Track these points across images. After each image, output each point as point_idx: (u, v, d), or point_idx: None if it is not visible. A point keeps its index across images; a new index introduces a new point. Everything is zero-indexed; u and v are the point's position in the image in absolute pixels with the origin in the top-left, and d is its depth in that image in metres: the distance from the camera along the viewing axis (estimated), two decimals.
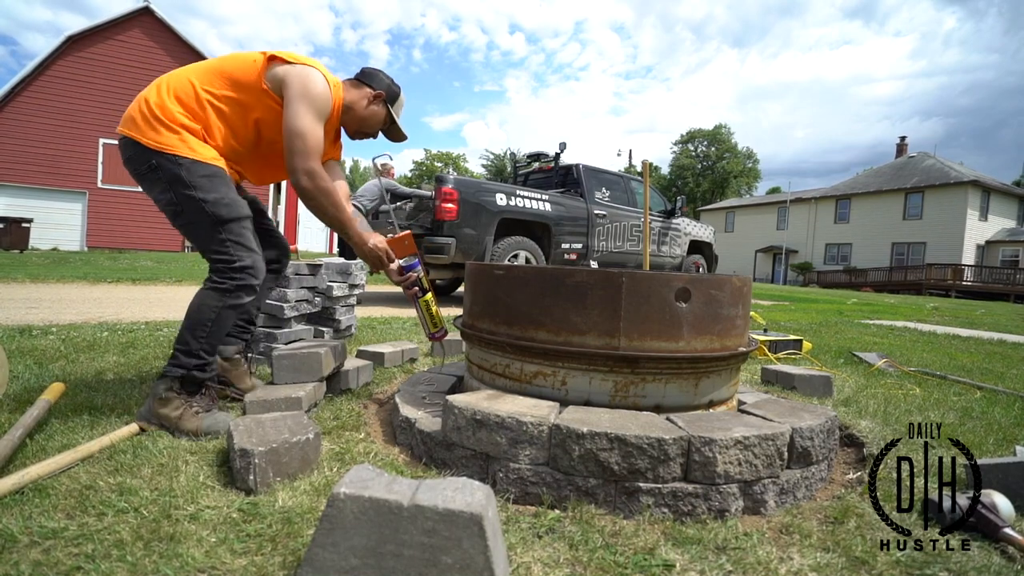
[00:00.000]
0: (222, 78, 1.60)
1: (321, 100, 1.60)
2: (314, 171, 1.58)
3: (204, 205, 1.53)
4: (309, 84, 1.58)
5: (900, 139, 33.32)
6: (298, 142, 1.55)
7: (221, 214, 1.55)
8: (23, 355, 2.36)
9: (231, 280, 1.56)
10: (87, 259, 10.87)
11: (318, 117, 1.59)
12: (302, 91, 1.56)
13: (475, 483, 0.86)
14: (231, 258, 1.56)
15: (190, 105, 1.58)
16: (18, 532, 0.95)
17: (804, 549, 1.08)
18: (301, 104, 1.56)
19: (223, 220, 1.55)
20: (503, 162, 40.46)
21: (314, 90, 1.58)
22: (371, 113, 1.81)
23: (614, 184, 6.98)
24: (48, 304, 4.48)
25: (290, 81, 1.57)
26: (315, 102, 1.58)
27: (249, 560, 0.93)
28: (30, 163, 15.29)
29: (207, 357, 1.58)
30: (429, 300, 1.93)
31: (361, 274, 3.08)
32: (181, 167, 1.52)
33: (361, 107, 1.79)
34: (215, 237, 1.56)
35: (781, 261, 31.45)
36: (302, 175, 1.57)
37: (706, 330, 1.43)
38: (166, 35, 16.95)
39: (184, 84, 1.60)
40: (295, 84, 1.57)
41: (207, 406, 1.59)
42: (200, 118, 1.59)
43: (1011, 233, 26.68)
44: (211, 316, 1.55)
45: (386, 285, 8.62)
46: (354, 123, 1.82)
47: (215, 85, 1.60)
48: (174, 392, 1.53)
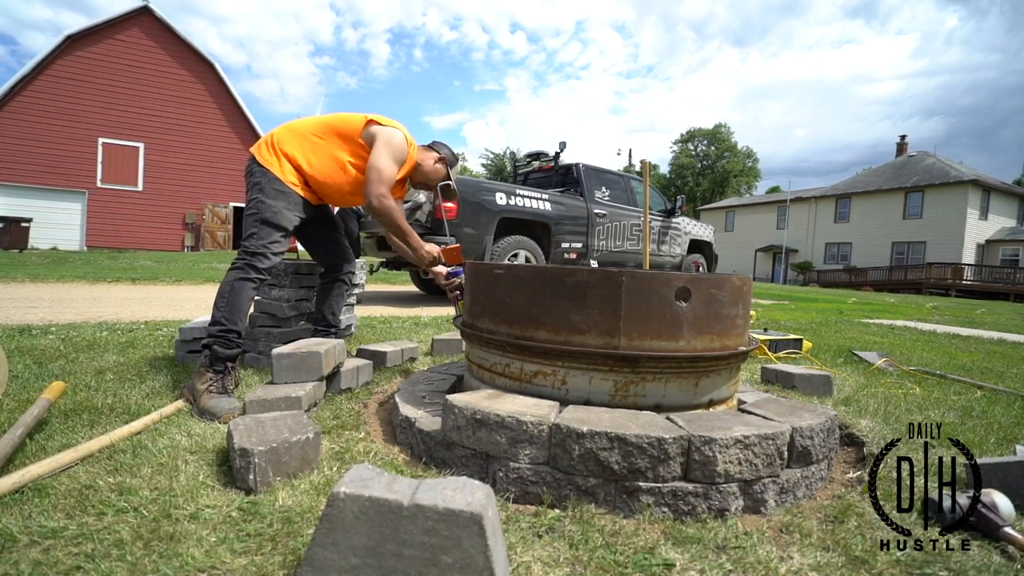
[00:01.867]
0: (332, 130, 2.13)
1: (399, 150, 2.12)
2: (384, 195, 2.06)
3: (260, 206, 2.02)
4: (392, 138, 2.10)
5: (900, 138, 33.27)
6: (375, 174, 2.05)
7: (266, 216, 2.02)
8: (23, 354, 2.36)
9: (243, 259, 1.98)
10: (87, 259, 10.87)
11: (394, 161, 2.10)
12: (386, 141, 2.09)
13: (475, 482, 0.86)
14: (250, 245, 2.00)
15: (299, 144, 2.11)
16: (18, 531, 0.95)
17: (804, 548, 1.08)
18: (384, 150, 2.08)
19: (263, 220, 2.02)
20: (503, 161, 40.44)
21: (394, 142, 2.10)
22: (434, 171, 2.33)
23: (614, 183, 6.98)
24: (48, 304, 4.48)
25: (379, 135, 2.10)
26: (394, 150, 2.10)
27: (249, 559, 0.93)
28: (29, 163, 15.29)
29: (227, 324, 1.88)
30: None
31: (361, 274, 3.08)
32: (268, 178, 2.06)
33: (428, 166, 2.32)
34: (252, 228, 2.02)
35: (781, 260, 31.45)
36: (374, 198, 2.05)
37: (706, 329, 1.43)
38: (165, 34, 16.95)
39: (302, 129, 2.15)
40: (382, 136, 2.10)
41: (220, 389, 1.77)
42: (302, 153, 2.11)
43: (1011, 232, 26.67)
44: (227, 288, 1.93)
45: (386, 285, 8.62)
46: (420, 176, 2.34)
47: (323, 133, 2.13)
48: (204, 367, 1.81)
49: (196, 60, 17.44)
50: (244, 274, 1.94)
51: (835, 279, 26.81)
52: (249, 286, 1.94)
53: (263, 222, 2.01)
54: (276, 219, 2.02)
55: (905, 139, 33.04)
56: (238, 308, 1.90)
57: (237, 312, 1.90)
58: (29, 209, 14.67)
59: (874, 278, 24.89)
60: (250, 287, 1.94)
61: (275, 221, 2.02)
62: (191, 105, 17.32)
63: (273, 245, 2.01)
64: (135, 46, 16.52)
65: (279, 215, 2.03)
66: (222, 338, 1.85)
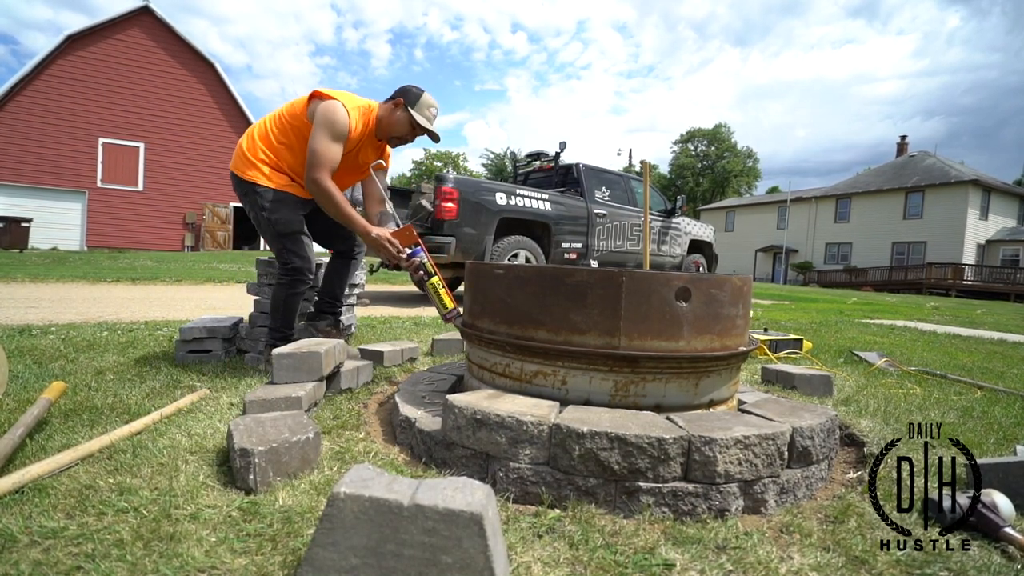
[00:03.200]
0: (285, 118, 2.12)
1: (338, 125, 2.02)
2: (319, 179, 2.03)
3: (269, 223, 2.13)
4: (329, 114, 2.02)
5: (900, 138, 33.27)
6: (311, 157, 2.02)
7: (280, 230, 2.14)
8: (23, 354, 2.36)
9: (286, 276, 2.16)
10: (87, 259, 10.87)
11: (333, 139, 2.03)
12: (322, 120, 2.01)
13: (475, 483, 0.86)
14: (286, 261, 2.16)
15: (267, 143, 2.13)
16: (18, 532, 0.95)
17: (804, 548, 1.08)
18: (320, 130, 2.01)
19: (281, 234, 2.14)
20: (503, 161, 40.44)
21: (331, 116, 2.01)
22: (395, 119, 2.18)
23: (614, 183, 6.97)
24: (48, 304, 4.48)
25: (317, 112, 2.03)
26: (332, 127, 2.02)
27: (249, 559, 0.92)
28: (30, 162, 15.29)
29: (285, 331, 2.20)
30: (436, 283, 2.08)
31: (361, 274, 3.08)
32: (259, 194, 2.11)
33: (389, 117, 2.18)
34: (276, 245, 2.17)
35: (781, 260, 31.43)
36: (310, 182, 2.04)
37: (706, 329, 1.43)
38: (166, 34, 16.96)
39: (261, 127, 2.17)
40: (319, 115, 2.03)
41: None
42: (274, 151, 2.12)
43: (1012, 232, 26.65)
44: (278, 304, 2.19)
45: (386, 285, 8.62)
46: (384, 130, 2.20)
47: (280, 124, 2.12)
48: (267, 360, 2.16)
49: (196, 60, 17.44)
50: (293, 289, 2.18)
51: (835, 279, 26.80)
52: (299, 297, 2.22)
53: (281, 236, 2.14)
54: (289, 227, 2.15)
55: (905, 139, 33.04)
56: (291, 318, 2.23)
57: (291, 321, 2.23)
58: (29, 209, 14.67)
59: (874, 278, 24.88)
60: (299, 298, 2.23)
61: (290, 230, 2.15)
62: (191, 105, 17.32)
63: (303, 250, 2.17)
64: (135, 46, 16.51)
65: (290, 223, 2.15)
66: (283, 341, 2.16)
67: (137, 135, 16.52)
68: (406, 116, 2.17)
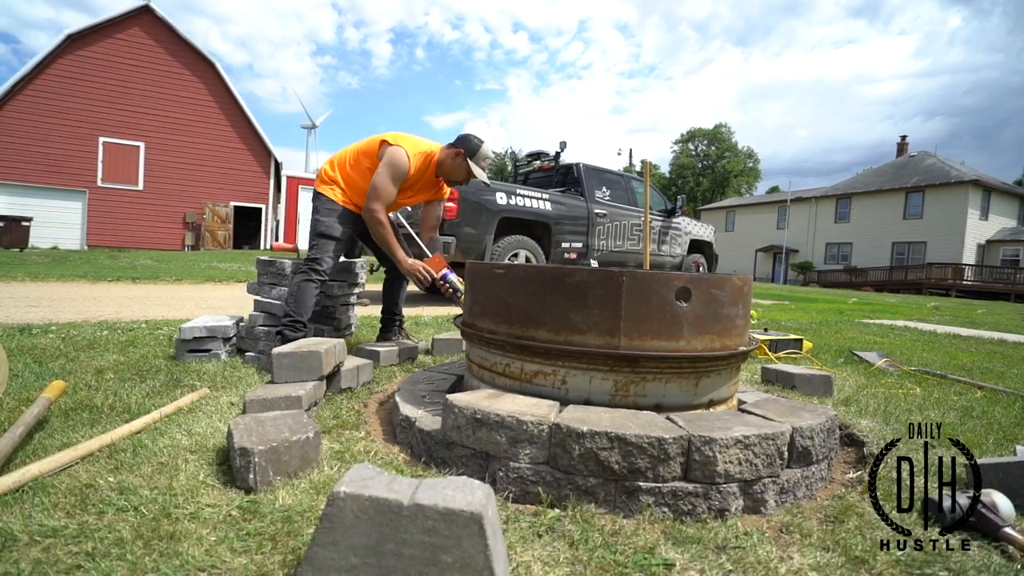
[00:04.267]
0: (358, 155, 2.55)
1: (400, 169, 2.43)
2: (375, 210, 2.43)
3: (316, 222, 2.54)
4: (394, 158, 2.42)
5: (901, 138, 33.21)
6: (371, 191, 2.43)
7: (320, 230, 2.52)
8: (23, 353, 2.36)
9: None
10: (87, 258, 10.87)
11: (393, 179, 2.43)
12: (387, 161, 2.43)
13: (475, 482, 0.86)
14: (311, 255, 2.51)
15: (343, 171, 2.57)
16: (18, 530, 0.95)
17: (804, 548, 1.08)
18: (384, 169, 2.42)
19: (319, 233, 2.52)
20: (504, 161, 40.41)
21: (395, 161, 2.42)
22: (455, 166, 2.55)
23: (614, 183, 6.97)
24: (48, 303, 4.48)
25: (385, 155, 2.45)
26: (395, 170, 2.42)
27: (249, 559, 0.93)
28: (30, 162, 15.29)
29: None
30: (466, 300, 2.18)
31: (361, 274, 3.09)
32: (320, 200, 2.57)
33: (449, 163, 2.55)
34: (312, 241, 2.55)
35: (781, 260, 31.40)
36: (367, 211, 2.45)
37: (706, 329, 1.43)
38: (166, 34, 16.94)
39: (341, 157, 2.61)
40: (385, 157, 2.44)
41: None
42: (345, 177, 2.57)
43: (1012, 232, 26.63)
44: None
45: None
46: (444, 173, 2.61)
47: (354, 158, 2.55)
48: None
49: (197, 59, 17.43)
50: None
51: (835, 279, 26.78)
52: (312, 286, 2.45)
53: (319, 235, 2.52)
54: (328, 231, 2.51)
55: (906, 139, 33.00)
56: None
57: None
58: (29, 208, 14.67)
59: (874, 278, 24.87)
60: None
61: (328, 233, 2.51)
62: (192, 104, 17.31)
63: (327, 251, 2.50)
64: (136, 45, 16.50)
65: (330, 228, 2.52)
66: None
67: (137, 134, 16.51)
68: (464, 165, 2.53)
